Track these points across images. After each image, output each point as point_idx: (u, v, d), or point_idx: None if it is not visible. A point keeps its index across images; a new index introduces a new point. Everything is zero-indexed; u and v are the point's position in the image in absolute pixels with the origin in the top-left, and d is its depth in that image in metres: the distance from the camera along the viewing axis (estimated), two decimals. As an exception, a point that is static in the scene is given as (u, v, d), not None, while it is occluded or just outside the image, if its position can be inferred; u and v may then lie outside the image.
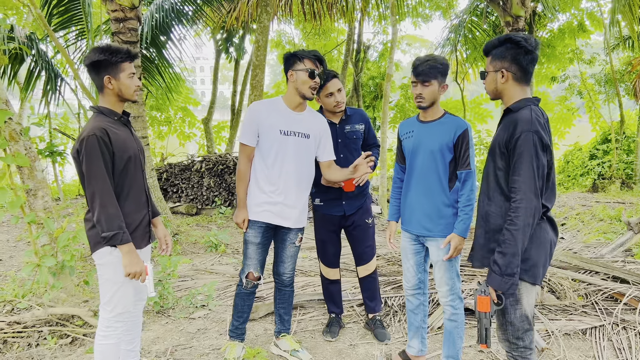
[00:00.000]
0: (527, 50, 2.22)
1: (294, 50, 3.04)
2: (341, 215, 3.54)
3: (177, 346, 3.53)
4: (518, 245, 2.13)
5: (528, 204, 2.10)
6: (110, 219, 2.34)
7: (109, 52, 2.41)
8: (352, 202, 3.52)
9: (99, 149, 2.33)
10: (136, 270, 2.44)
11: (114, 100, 2.51)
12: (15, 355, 3.31)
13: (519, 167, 2.13)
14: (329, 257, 3.66)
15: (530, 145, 2.11)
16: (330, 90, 3.32)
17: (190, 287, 4.66)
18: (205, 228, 7.60)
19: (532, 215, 2.12)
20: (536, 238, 2.25)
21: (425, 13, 14.34)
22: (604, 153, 13.59)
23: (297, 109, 3.08)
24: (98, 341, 2.59)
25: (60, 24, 7.65)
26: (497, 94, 2.37)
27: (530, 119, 2.14)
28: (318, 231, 3.64)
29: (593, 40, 14.90)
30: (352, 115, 3.53)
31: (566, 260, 4.82)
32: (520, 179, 2.13)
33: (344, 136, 3.48)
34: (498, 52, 2.29)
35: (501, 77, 2.29)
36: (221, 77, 14.02)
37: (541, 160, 2.12)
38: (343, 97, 3.40)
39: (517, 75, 2.27)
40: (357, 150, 3.54)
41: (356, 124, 3.52)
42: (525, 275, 2.24)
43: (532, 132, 2.11)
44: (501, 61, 2.28)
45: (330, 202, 3.51)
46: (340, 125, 3.48)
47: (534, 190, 2.11)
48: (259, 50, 7.49)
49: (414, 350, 3.23)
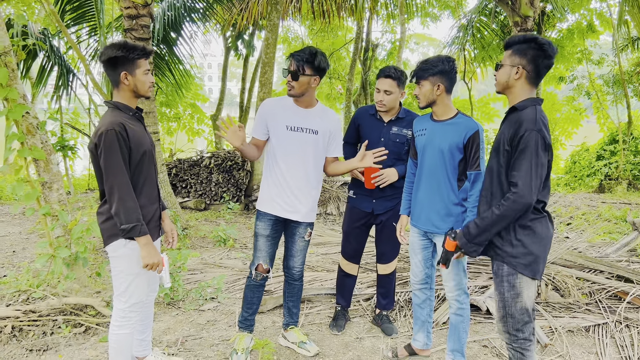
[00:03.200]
0: (548, 55, 2.30)
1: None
2: (369, 212, 3.56)
3: (188, 337, 3.62)
4: (493, 227, 2.31)
5: (521, 199, 2.20)
6: (129, 211, 2.42)
7: (126, 48, 2.47)
8: (382, 203, 3.51)
9: (117, 143, 2.40)
10: (154, 261, 2.51)
11: (129, 95, 2.58)
12: (31, 343, 3.40)
13: (520, 164, 2.22)
14: (349, 250, 3.70)
15: (533, 144, 2.18)
16: (378, 86, 3.37)
17: (199, 280, 4.75)
18: (214, 223, 7.69)
19: (520, 210, 2.23)
20: (539, 234, 2.32)
21: (434, 12, 14.35)
22: (611, 154, 13.57)
23: (307, 107, 3.15)
24: (113, 331, 2.67)
25: (72, 20, 7.76)
26: (505, 88, 2.43)
27: (535, 119, 2.21)
28: (345, 222, 3.70)
29: (602, 41, 14.88)
30: (404, 119, 3.46)
31: (571, 259, 4.87)
32: (520, 174, 2.21)
33: (387, 136, 3.44)
34: (520, 48, 2.35)
35: (515, 73, 2.35)
36: (229, 74, 14.07)
37: (541, 159, 2.19)
38: (389, 100, 3.34)
39: (530, 75, 2.34)
40: (396, 154, 3.43)
41: (404, 128, 3.43)
42: (525, 270, 2.32)
43: (536, 131, 2.18)
44: (520, 58, 2.34)
45: (362, 196, 3.55)
46: (388, 125, 3.46)
47: (531, 187, 2.19)
48: (268, 47, 7.57)
49: (420, 344, 3.30)
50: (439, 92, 2.86)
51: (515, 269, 2.33)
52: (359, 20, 12.32)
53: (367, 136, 3.49)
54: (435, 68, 2.83)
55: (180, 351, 3.40)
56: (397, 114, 3.47)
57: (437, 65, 2.83)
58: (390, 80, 3.32)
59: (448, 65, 2.84)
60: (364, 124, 3.55)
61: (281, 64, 22.77)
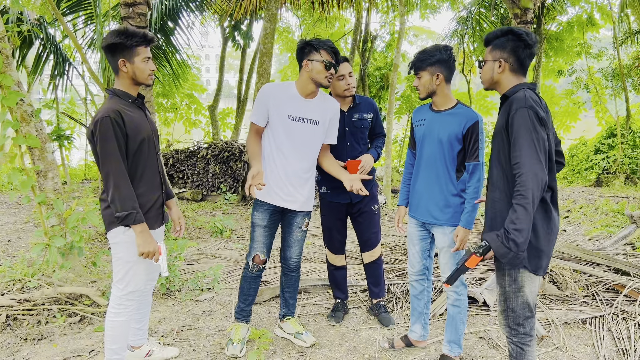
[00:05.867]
0: (527, 44, 2.26)
1: (309, 39, 3.05)
2: (347, 203, 3.57)
3: (183, 327, 3.60)
4: (530, 219, 2.06)
5: (534, 176, 2.04)
6: (123, 199, 2.40)
7: (125, 35, 2.44)
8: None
9: (112, 131, 2.37)
10: (149, 249, 2.49)
11: (128, 83, 2.55)
12: (26, 332, 3.38)
13: (519, 143, 2.11)
14: (335, 244, 3.70)
15: (526, 120, 2.10)
16: (342, 72, 3.34)
17: (196, 270, 4.73)
18: (211, 214, 7.67)
19: (540, 187, 2.05)
20: (544, 228, 2.24)
21: (433, 4, 14.26)
22: (609, 148, 13.57)
23: (309, 96, 3.11)
24: (109, 318, 2.65)
25: (69, 8, 7.68)
26: (492, 84, 2.39)
27: (524, 97, 2.16)
28: (324, 219, 3.68)
29: (602, 35, 14.84)
30: (360, 104, 3.53)
31: (568, 251, 4.86)
32: (522, 153, 2.09)
33: (351, 124, 3.48)
34: (499, 42, 2.32)
35: (498, 67, 2.32)
36: (227, 65, 13.98)
37: (540, 133, 2.10)
38: (354, 80, 3.41)
39: (513, 67, 2.31)
40: (363, 140, 3.55)
41: (364, 113, 3.51)
42: (528, 264, 2.25)
43: (527, 107, 2.12)
44: (500, 51, 2.32)
45: (336, 189, 3.53)
46: (349, 113, 3.49)
47: (538, 162, 2.06)
48: (266, 38, 7.51)
49: (416, 335, 3.29)
50: (438, 82, 2.83)
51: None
52: (358, 11, 12.23)
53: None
54: (433, 58, 2.80)
55: (175, 341, 3.38)
56: (353, 101, 3.50)
57: (434, 55, 2.80)
58: (347, 63, 3.37)
59: (446, 54, 2.80)
60: None
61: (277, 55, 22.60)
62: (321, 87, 3.11)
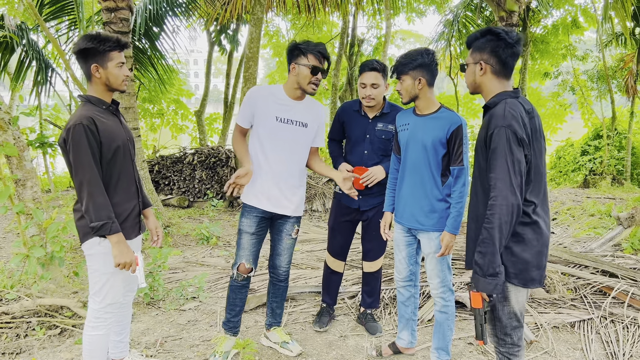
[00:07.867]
0: (508, 43, 2.18)
1: (299, 42, 2.99)
2: (355, 209, 3.49)
3: (167, 337, 3.52)
4: (496, 244, 2.06)
5: (504, 201, 2.03)
6: (98, 208, 2.32)
7: (97, 40, 2.37)
8: (368, 199, 3.43)
9: (85, 138, 2.30)
10: (126, 260, 2.42)
11: (102, 89, 2.48)
12: (3, 346, 3.28)
13: (494, 164, 2.07)
14: (335, 246, 3.63)
15: (503, 141, 2.05)
16: (364, 81, 3.25)
17: (180, 279, 4.65)
18: (197, 221, 7.57)
19: (510, 213, 2.04)
20: (530, 240, 2.17)
21: (420, 8, 14.30)
22: (595, 149, 13.67)
23: (297, 99, 3.06)
24: (87, 332, 2.58)
25: (51, 13, 7.58)
26: (475, 87, 2.34)
27: (503, 114, 2.09)
28: (331, 218, 3.62)
29: (586, 37, 14.98)
30: (389, 114, 3.37)
31: (556, 254, 4.85)
32: (496, 175, 2.06)
33: (372, 133, 3.35)
34: (478, 44, 2.25)
35: (479, 70, 2.25)
36: (216, 70, 13.94)
37: (516, 155, 2.05)
38: (377, 93, 3.25)
39: (495, 68, 2.23)
40: (383, 151, 3.36)
41: (390, 124, 3.34)
42: (515, 279, 2.19)
43: (505, 127, 2.05)
44: (480, 53, 2.25)
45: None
46: (373, 121, 3.36)
47: (510, 187, 2.04)
48: (252, 42, 7.46)
49: (404, 342, 3.24)
50: (420, 86, 2.79)
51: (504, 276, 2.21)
52: (345, 15, 12.22)
53: (351, 133, 3.42)
54: (415, 62, 2.76)
55: (159, 352, 3.30)
56: (381, 109, 3.38)
57: (416, 59, 2.76)
58: (375, 72, 3.23)
59: (428, 58, 2.76)
60: (348, 121, 3.46)
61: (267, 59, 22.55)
62: (306, 94, 3.05)
